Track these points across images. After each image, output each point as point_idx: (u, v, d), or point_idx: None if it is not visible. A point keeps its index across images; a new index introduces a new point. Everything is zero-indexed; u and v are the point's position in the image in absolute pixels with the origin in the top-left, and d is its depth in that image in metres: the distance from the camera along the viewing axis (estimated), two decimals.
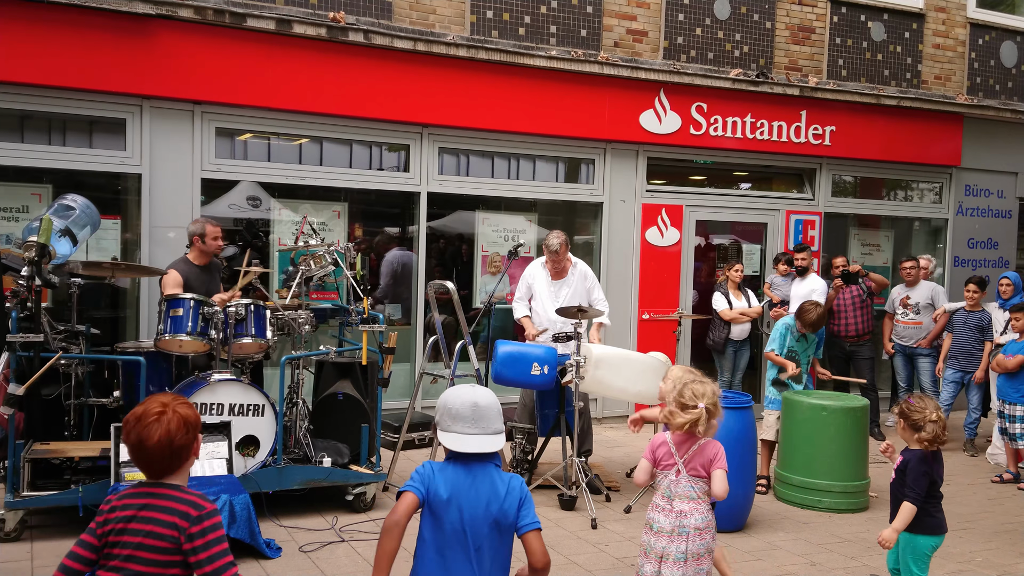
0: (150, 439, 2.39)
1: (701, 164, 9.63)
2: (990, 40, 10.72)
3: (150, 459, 2.42)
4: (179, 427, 2.42)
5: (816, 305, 6.71)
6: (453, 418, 2.60)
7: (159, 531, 2.35)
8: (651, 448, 3.73)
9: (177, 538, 2.34)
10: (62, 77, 6.72)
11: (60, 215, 5.85)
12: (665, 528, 3.58)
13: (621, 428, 8.86)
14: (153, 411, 2.44)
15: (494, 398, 2.66)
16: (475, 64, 8.07)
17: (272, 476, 5.46)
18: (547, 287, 6.75)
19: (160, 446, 2.40)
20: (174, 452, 2.43)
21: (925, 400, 4.04)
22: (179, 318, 5.52)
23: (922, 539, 3.96)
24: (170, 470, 2.46)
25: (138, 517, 2.38)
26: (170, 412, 2.43)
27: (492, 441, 2.60)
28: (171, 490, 2.44)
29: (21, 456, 4.98)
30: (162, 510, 2.38)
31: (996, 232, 10.99)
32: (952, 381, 8.22)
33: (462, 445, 2.57)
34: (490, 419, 2.62)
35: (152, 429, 2.40)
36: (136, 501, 2.41)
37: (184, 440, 2.44)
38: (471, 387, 2.69)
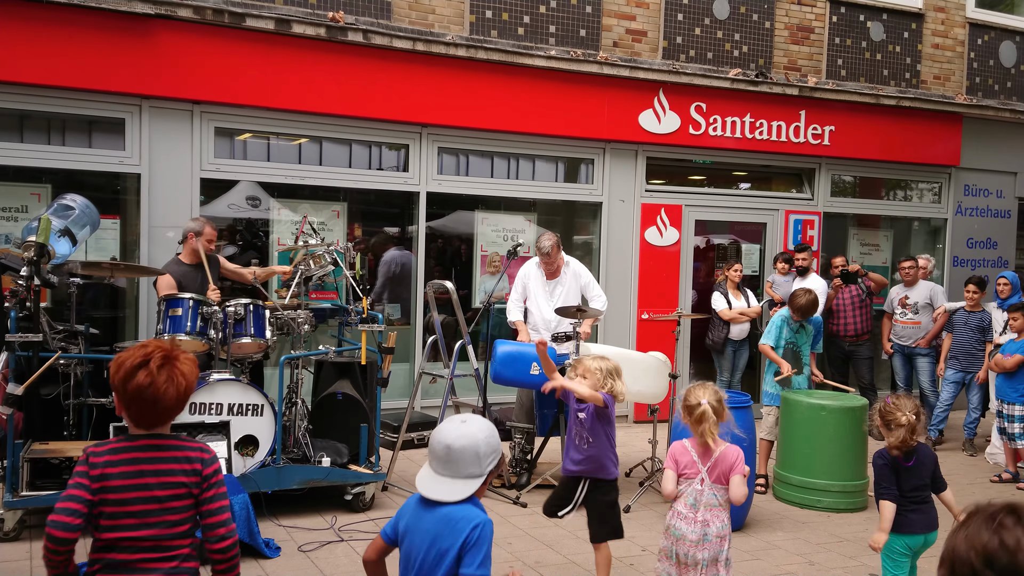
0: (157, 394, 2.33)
1: (700, 164, 9.63)
2: (989, 40, 10.72)
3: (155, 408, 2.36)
4: (186, 385, 2.39)
5: (807, 291, 6.70)
6: (431, 453, 2.51)
7: (179, 480, 2.37)
8: (673, 457, 3.72)
9: (198, 483, 2.39)
10: (61, 77, 6.72)
11: (59, 215, 5.85)
12: (690, 537, 3.61)
13: (620, 428, 8.84)
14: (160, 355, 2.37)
15: (476, 439, 2.44)
16: (474, 64, 8.07)
17: (271, 476, 5.46)
18: (542, 287, 6.77)
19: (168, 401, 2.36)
20: (179, 406, 2.41)
21: (901, 401, 3.99)
22: (178, 318, 5.52)
23: (892, 537, 3.93)
24: (163, 422, 2.43)
25: (146, 471, 2.35)
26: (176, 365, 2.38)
27: (454, 488, 2.42)
28: (172, 439, 2.44)
29: (20, 456, 4.98)
30: (176, 460, 2.38)
31: (995, 232, 11.00)
32: (952, 381, 8.22)
33: (421, 486, 2.47)
34: (463, 463, 2.43)
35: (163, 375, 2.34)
36: (137, 455, 2.37)
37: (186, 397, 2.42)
38: (460, 423, 2.50)
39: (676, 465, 3.71)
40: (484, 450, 2.46)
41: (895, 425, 3.91)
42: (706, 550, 3.59)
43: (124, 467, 2.34)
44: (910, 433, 3.89)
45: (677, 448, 3.74)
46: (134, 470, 2.35)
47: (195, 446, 2.46)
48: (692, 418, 3.72)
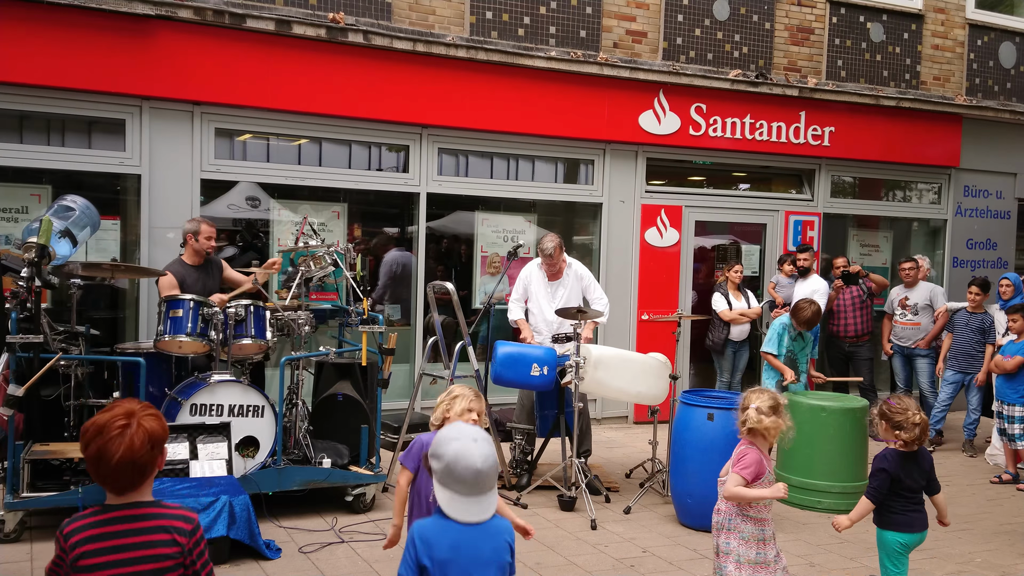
0: (111, 455, 2.20)
1: (700, 165, 9.64)
2: (989, 41, 10.73)
3: (110, 475, 2.23)
4: (143, 443, 2.23)
5: (811, 303, 6.72)
6: (453, 479, 2.47)
7: (158, 552, 2.24)
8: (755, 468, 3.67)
9: (179, 553, 2.27)
10: (61, 77, 6.72)
11: (60, 216, 5.85)
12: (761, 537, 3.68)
13: (621, 429, 8.86)
14: (116, 424, 2.23)
15: (492, 453, 2.51)
16: (474, 65, 8.07)
17: (272, 477, 5.46)
18: (543, 288, 6.77)
19: (122, 463, 2.20)
20: (136, 469, 2.23)
21: (905, 400, 4.04)
22: (179, 319, 5.52)
23: (888, 535, 4.00)
24: (133, 487, 2.27)
25: (122, 546, 2.23)
26: (134, 425, 2.23)
27: (485, 506, 2.48)
28: (150, 508, 2.30)
29: (21, 457, 4.98)
30: (153, 531, 2.26)
31: (995, 233, 11.00)
32: (952, 382, 8.22)
33: (456, 511, 2.46)
34: (490, 479, 2.49)
35: (114, 444, 2.20)
36: (111, 528, 2.24)
37: (148, 457, 2.25)
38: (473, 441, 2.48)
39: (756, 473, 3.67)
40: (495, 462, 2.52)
41: (910, 424, 3.94)
42: (774, 546, 3.71)
43: (98, 543, 2.22)
44: (924, 431, 3.97)
45: (753, 455, 3.70)
46: (108, 546, 2.22)
47: (176, 514, 2.31)
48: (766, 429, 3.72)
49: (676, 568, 5.03)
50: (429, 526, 2.48)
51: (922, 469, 4.02)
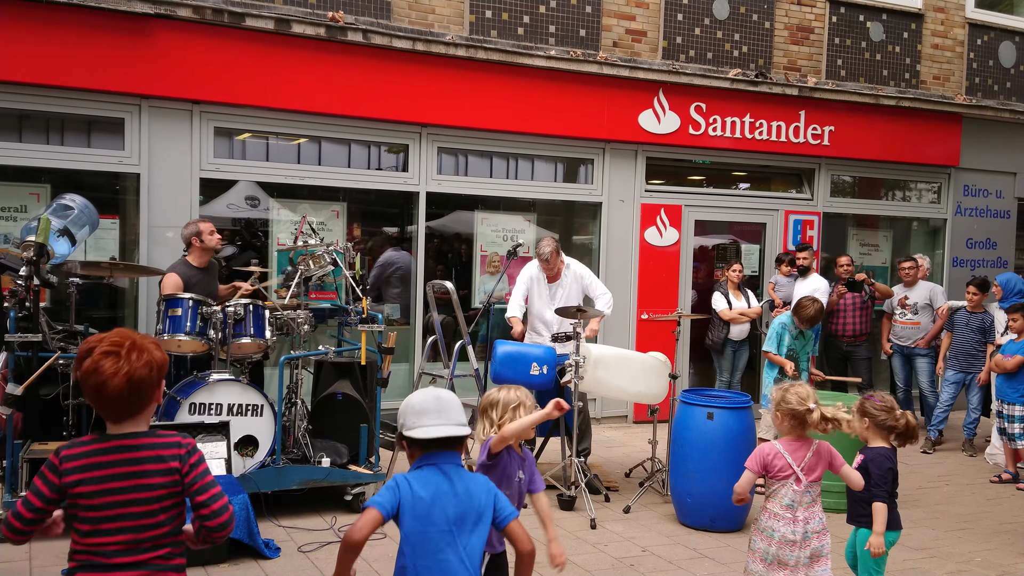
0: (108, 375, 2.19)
1: (700, 164, 9.63)
2: (989, 40, 10.73)
3: (108, 398, 2.22)
4: (144, 366, 2.23)
5: (813, 301, 6.71)
6: (418, 414, 2.61)
7: (152, 481, 2.26)
8: (761, 460, 3.62)
9: (176, 480, 2.29)
10: (61, 76, 6.71)
11: (59, 215, 5.84)
12: (790, 537, 3.57)
13: (620, 428, 8.86)
14: (116, 341, 2.23)
15: (455, 395, 2.69)
16: (474, 64, 8.07)
17: (271, 476, 5.46)
18: (543, 289, 6.77)
19: (119, 385, 2.20)
20: (134, 393, 2.23)
21: (887, 399, 4.07)
22: (178, 318, 5.51)
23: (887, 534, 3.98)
24: (131, 413, 2.27)
25: (117, 474, 2.24)
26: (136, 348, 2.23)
27: (459, 429, 2.61)
28: (146, 437, 2.29)
29: (19, 456, 4.97)
30: (148, 460, 2.26)
31: (994, 232, 11.00)
32: (952, 382, 8.21)
33: (432, 433, 2.58)
34: (453, 411, 2.63)
35: (110, 363, 2.20)
36: (107, 458, 2.25)
37: (147, 383, 2.25)
38: (430, 388, 2.72)
39: (764, 467, 3.61)
40: (460, 404, 2.67)
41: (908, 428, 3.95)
42: (807, 547, 3.59)
43: (95, 471, 2.24)
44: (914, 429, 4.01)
45: (769, 451, 3.64)
46: (105, 474, 2.24)
47: (170, 442, 2.31)
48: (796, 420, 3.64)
49: (676, 567, 5.02)
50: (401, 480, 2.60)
51: None
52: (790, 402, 3.64)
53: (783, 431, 3.72)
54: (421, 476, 2.61)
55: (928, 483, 7.16)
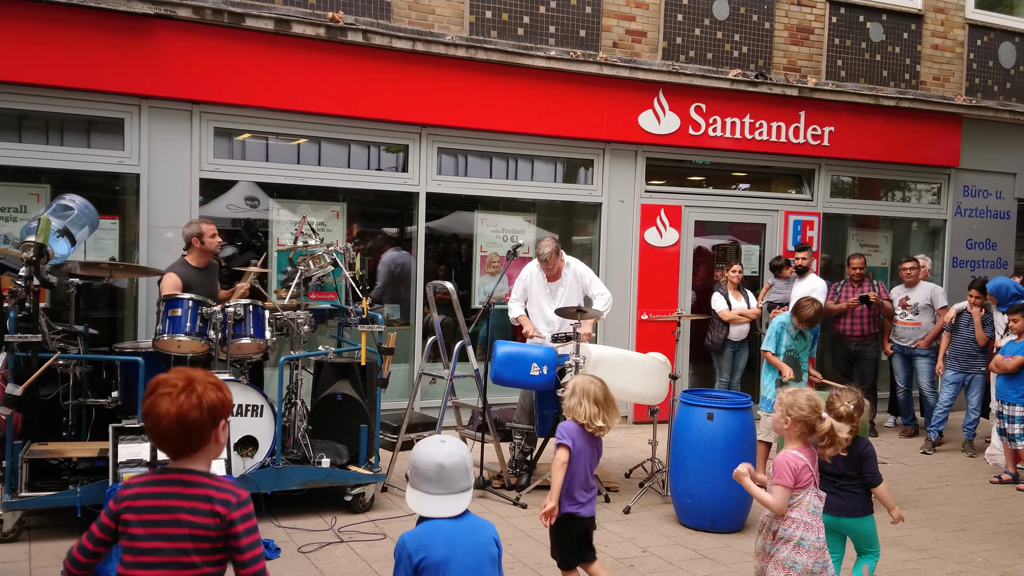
0: (157, 414, 2.25)
1: (700, 164, 9.63)
2: (988, 41, 10.73)
3: (157, 435, 2.28)
4: (193, 408, 2.25)
5: (812, 301, 6.70)
6: (420, 477, 2.57)
7: (195, 520, 2.24)
8: (793, 472, 3.51)
9: (218, 525, 2.24)
10: (60, 77, 6.71)
11: (58, 215, 5.84)
12: (817, 544, 3.52)
13: (620, 429, 8.85)
14: (171, 383, 2.28)
15: (462, 455, 2.58)
16: (474, 64, 8.06)
17: (271, 477, 5.45)
18: (543, 288, 6.77)
19: (167, 424, 2.24)
20: (183, 432, 2.26)
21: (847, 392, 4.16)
22: (177, 318, 5.51)
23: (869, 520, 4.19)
24: (184, 452, 2.30)
25: (163, 507, 2.25)
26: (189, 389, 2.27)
27: (455, 503, 2.55)
28: (201, 476, 2.31)
29: (19, 456, 4.97)
30: (197, 499, 2.26)
31: (994, 233, 11.00)
32: (952, 382, 8.21)
33: (424, 508, 2.55)
34: (455, 479, 2.55)
35: (163, 403, 2.25)
36: (157, 489, 2.28)
37: (199, 423, 2.27)
38: (440, 443, 2.60)
39: (795, 479, 3.51)
40: (469, 463, 2.61)
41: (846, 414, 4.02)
42: (826, 551, 3.57)
43: (144, 500, 2.27)
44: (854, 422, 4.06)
45: (796, 463, 3.53)
46: (152, 505, 2.26)
47: (223, 487, 2.30)
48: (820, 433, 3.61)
49: (675, 568, 5.02)
50: (418, 533, 2.54)
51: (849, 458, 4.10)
52: (803, 409, 3.59)
53: (790, 437, 3.64)
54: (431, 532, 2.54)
55: (928, 484, 7.16)
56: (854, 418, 4.06)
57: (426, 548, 2.48)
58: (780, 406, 3.67)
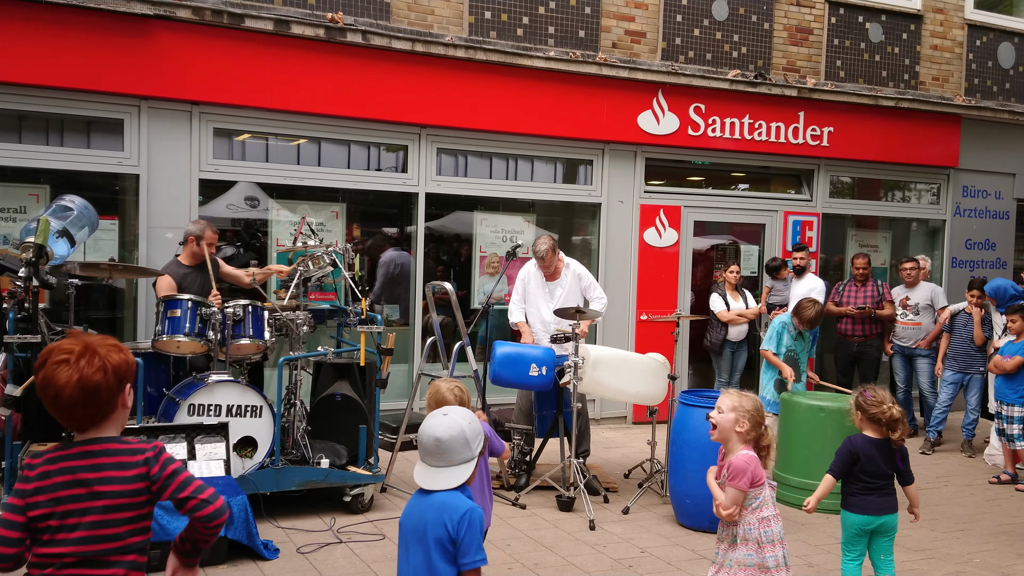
0: (57, 383, 2.09)
1: (699, 165, 9.64)
2: (988, 41, 10.73)
3: (60, 407, 2.13)
4: (96, 372, 2.12)
5: (813, 302, 6.71)
6: (423, 450, 2.67)
7: (117, 489, 2.14)
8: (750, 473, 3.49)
9: (145, 488, 2.17)
10: (60, 77, 6.71)
11: (58, 216, 5.84)
12: (778, 535, 3.54)
13: (619, 429, 8.86)
14: (65, 349, 2.12)
15: (460, 429, 2.63)
16: (473, 65, 8.07)
17: (270, 477, 5.46)
18: (541, 288, 6.76)
19: (70, 394, 2.10)
20: (89, 401, 2.12)
21: (880, 393, 4.14)
22: (177, 319, 5.51)
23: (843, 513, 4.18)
24: (92, 421, 2.17)
25: (80, 480, 2.13)
26: (89, 354, 2.12)
27: (453, 475, 2.62)
28: (110, 443, 2.18)
29: (19, 457, 4.97)
30: (112, 467, 2.15)
31: (994, 233, 11.01)
32: (951, 383, 8.22)
33: (424, 481, 2.66)
34: (454, 451, 2.62)
35: (61, 372, 2.10)
36: (71, 463, 2.14)
37: (104, 390, 2.13)
38: (443, 415, 2.68)
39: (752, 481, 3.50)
40: (470, 434, 2.66)
41: (887, 419, 4.04)
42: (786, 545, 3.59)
43: (56, 478, 2.14)
44: (904, 423, 4.09)
45: (750, 461, 3.51)
46: (62, 480, 2.14)
47: (135, 448, 2.19)
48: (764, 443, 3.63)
49: (674, 568, 5.02)
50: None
51: (886, 458, 4.10)
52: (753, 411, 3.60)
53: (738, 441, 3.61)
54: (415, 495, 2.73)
55: (927, 484, 7.16)
56: (905, 416, 4.10)
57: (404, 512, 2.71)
58: (731, 411, 3.60)
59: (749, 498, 3.53)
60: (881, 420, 4.05)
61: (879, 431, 4.09)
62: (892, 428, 4.05)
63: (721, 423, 3.65)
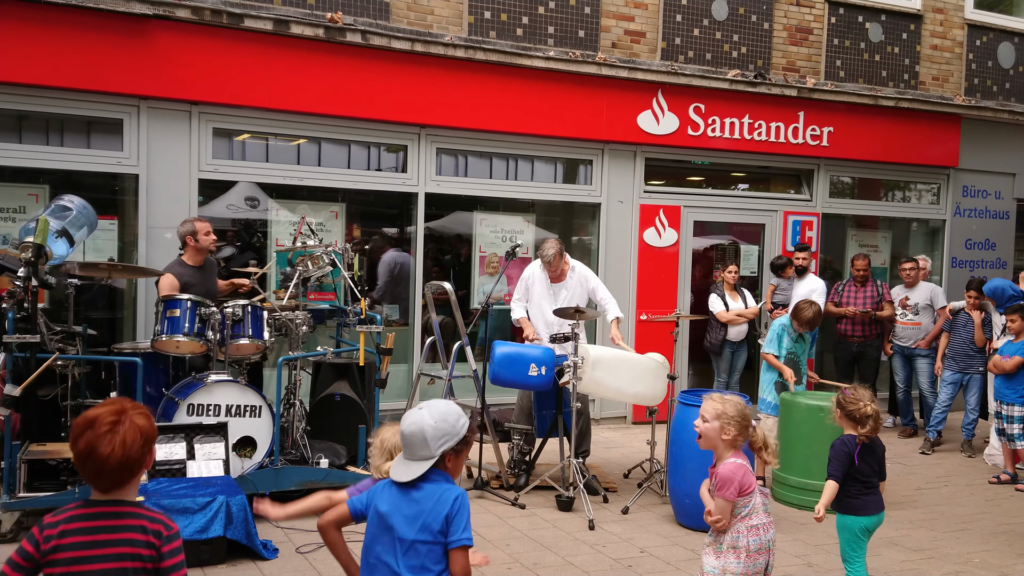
0: (101, 451, 2.22)
1: (699, 165, 9.63)
2: (988, 41, 10.73)
3: (100, 472, 2.25)
4: (135, 440, 2.25)
5: (811, 304, 6.72)
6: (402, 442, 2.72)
7: (131, 552, 2.25)
8: (737, 483, 3.41)
9: (153, 556, 2.27)
10: (59, 77, 6.71)
11: (57, 216, 5.84)
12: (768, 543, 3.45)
13: (619, 429, 8.86)
14: (107, 419, 2.25)
15: (420, 428, 2.63)
16: (473, 65, 8.07)
17: (269, 477, 5.46)
18: (545, 289, 6.75)
19: (113, 460, 2.23)
20: (127, 467, 2.26)
21: (860, 391, 4.19)
22: (176, 319, 5.51)
23: (850, 519, 4.13)
24: (121, 484, 2.30)
25: (99, 541, 2.24)
26: (126, 423, 2.26)
27: (408, 469, 2.64)
28: (131, 507, 2.31)
29: (17, 457, 4.98)
30: (131, 529, 2.27)
31: (993, 233, 11.00)
32: (951, 382, 8.21)
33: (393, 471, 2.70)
34: (415, 446, 2.63)
35: (105, 440, 2.22)
36: (92, 524, 2.26)
37: (139, 455, 2.27)
38: (419, 409, 2.70)
39: (740, 489, 3.41)
40: (431, 434, 2.63)
41: (860, 415, 4.09)
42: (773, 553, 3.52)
43: (75, 537, 2.24)
44: (877, 421, 4.12)
45: (737, 470, 3.43)
46: (86, 540, 2.24)
47: (154, 517, 2.32)
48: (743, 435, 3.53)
49: (674, 568, 5.02)
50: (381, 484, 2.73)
51: (876, 456, 4.16)
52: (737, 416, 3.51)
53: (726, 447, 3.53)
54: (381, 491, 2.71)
55: (927, 484, 7.16)
56: (879, 415, 4.15)
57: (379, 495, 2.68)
58: (716, 418, 3.51)
59: (739, 506, 3.43)
60: (855, 416, 4.11)
61: (856, 428, 4.13)
62: (861, 424, 4.09)
63: (706, 432, 3.54)
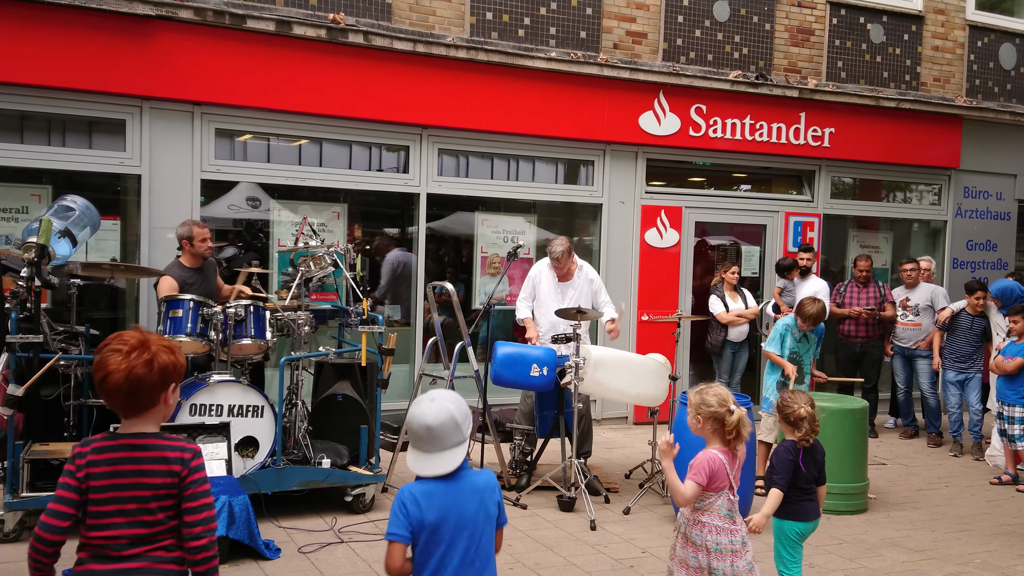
0: (108, 367, 2.29)
1: (700, 166, 9.64)
2: (989, 42, 10.73)
3: (108, 392, 2.32)
4: (147, 369, 2.30)
5: (815, 300, 6.71)
6: (414, 437, 2.66)
7: (156, 481, 2.33)
8: (707, 470, 3.43)
9: (176, 483, 2.35)
10: (62, 78, 6.72)
11: (60, 216, 5.85)
12: (728, 547, 3.43)
13: (620, 429, 8.86)
14: (127, 342, 2.32)
15: (449, 414, 2.61)
16: (475, 65, 8.08)
17: (271, 477, 5.46)
18: (552, 288, 6.75)
19: (114, 379, 2.29)
20: (132, 392, 2.31)
21: (797, 394, 4.16)
22: (178, 319, 5.52)
23: (787, 524, 4.11)
24: (133, 410, 2.36)
25: (126, 471, 2.33)
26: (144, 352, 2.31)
27: (447, 460, 2.62)
28: (152, 439, 2.37)
29: (20, 457, 4.98)
30: (153, 460, 2.34)
31: (995, 234, 11.00)
32: (954, 383, 8.22)
33: (420, 468, 2.64)
34: (446, 436, 2.62)
35: (112, 359, 2.30)
36: (116, 455, 2.34)
37: (150, 383, 2.32)
38: (430, 401, 2.65)
39: (708, 478, 3.43)
40: (460, 417, 2.65)
41: (795, 418, 4.05)
42: (747, 554, 3.49)
43: (105, 467, 2.33)
44: (812, 423, 4.05)
45: (713, 460, 3.46)
46: (113, 470, 2.33)
47: (176, 445, 2.39)
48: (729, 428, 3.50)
49: None
50: (417, 489, 2.63)
51: (816, 461, 4.11)
52: (711, 405, 3.51)
53: (707, 436, 3.56)
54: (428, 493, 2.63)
55: (928, 485, 7.17)
56: (815, 418, 4.08)
57: (422, 509, 2.59)
58: (690, 407, 3.59)
59: (700, 498, 3.47)
60: (791, 420, 4.06)
61: (794, 432, 4.09)
62: (797, 427, 4.04)
63: (690, 424, 3.63)
